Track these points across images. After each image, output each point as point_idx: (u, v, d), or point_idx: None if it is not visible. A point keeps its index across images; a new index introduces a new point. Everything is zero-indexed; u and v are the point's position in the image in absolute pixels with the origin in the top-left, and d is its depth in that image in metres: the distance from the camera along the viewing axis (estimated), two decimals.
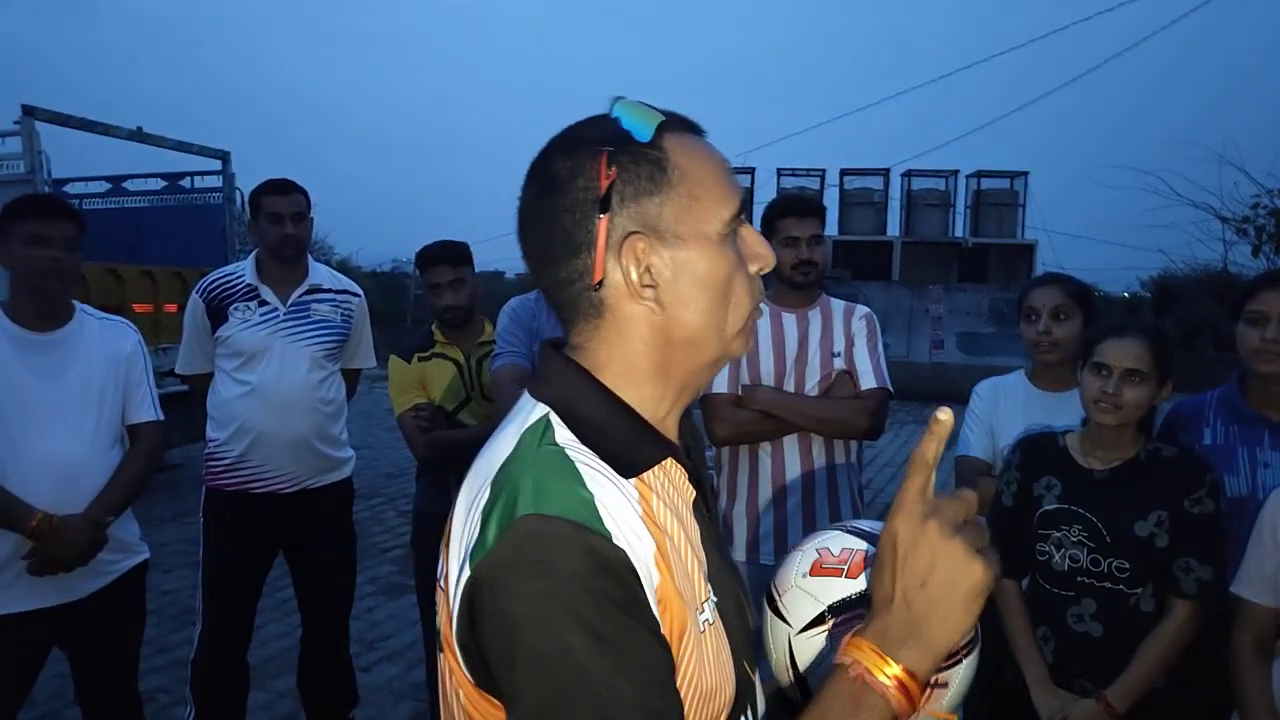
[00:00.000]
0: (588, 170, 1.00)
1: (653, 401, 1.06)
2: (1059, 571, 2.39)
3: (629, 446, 1.01)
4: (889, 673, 0.92)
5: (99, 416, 2.79)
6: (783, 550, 2.95)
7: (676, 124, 1.05)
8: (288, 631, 4.87)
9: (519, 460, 0.97)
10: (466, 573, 0.92)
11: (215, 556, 3.41)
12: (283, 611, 5.10)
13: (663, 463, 1.04)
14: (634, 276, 1.01)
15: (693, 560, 1.01)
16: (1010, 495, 2.53)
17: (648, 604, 0.91)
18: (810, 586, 1.23)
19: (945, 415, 0.95)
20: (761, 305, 1.10)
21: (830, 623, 1.20)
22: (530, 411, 1.03)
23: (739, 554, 2.99)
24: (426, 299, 3.71)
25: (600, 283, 1.02)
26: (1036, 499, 2.46)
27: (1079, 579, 2.36)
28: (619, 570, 0.89)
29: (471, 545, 0.93)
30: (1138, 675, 2.27)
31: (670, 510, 1.01)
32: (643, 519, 0.95)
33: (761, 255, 1.08)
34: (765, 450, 2.99)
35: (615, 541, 0.90)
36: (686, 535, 1.02)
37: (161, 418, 2.98)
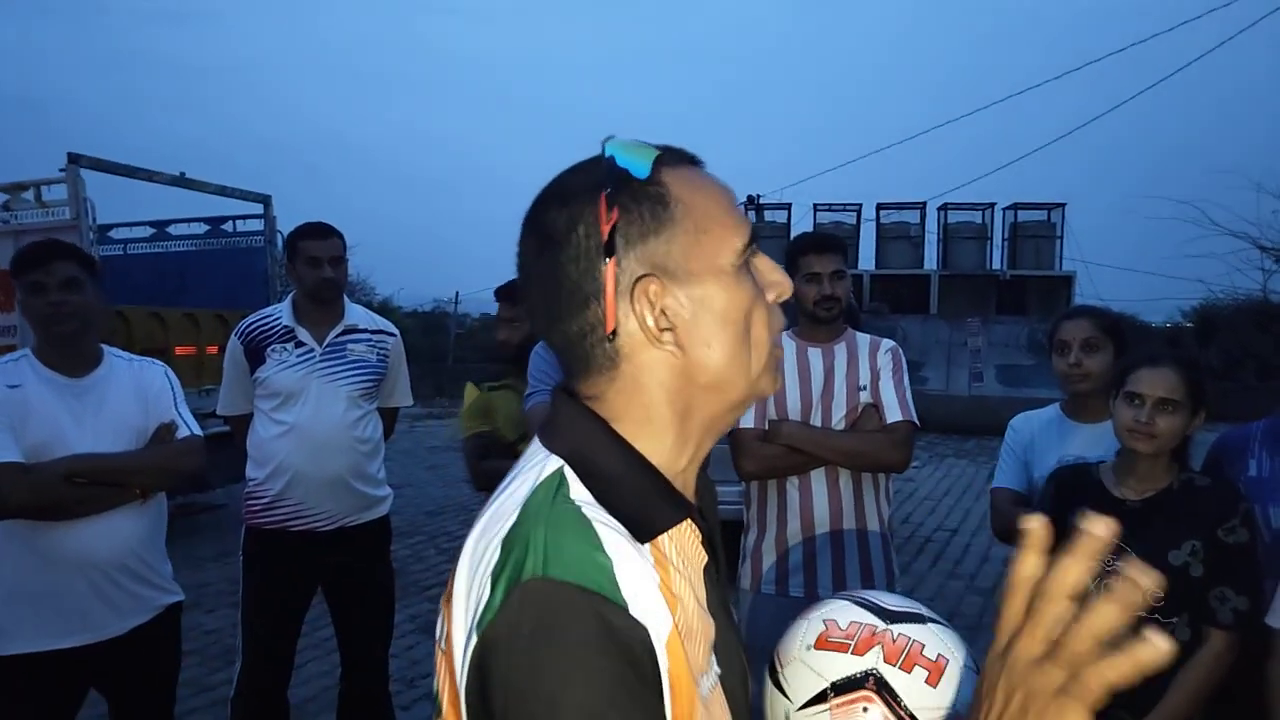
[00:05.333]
0: (587, 216, 0.94)
1: (672, 453, 1.00)
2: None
3: (645, 506, 0.94)
4: None
5: None
6: (812, 584, 2.95)
7: (674, 157, 1.00)
8: (328, 670, 4.89)
9: (531, 518, 0.89)
10: (474, 640, 0.86)
11: (254, 594, 3.45)
12: (323, 650, 5.12)
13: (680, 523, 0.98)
14: (650, 321, 0.95)
15: (701, 631, 0.94)
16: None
17: (657, 686, 0.84)
18: (814, 661, 1.19)
19: (1034, 525, 0.83)
20: (786, 339, 1.07)
21: (832, 701, 1.15)
22: (544, 464, 0.96)
23: (768, 587, 3.00)
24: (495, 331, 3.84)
25: (614, 333, 0.95)
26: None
27: None
28: (631, 646, 0.83)
29: (480, 610, 0.86)
30: (1174, 706, 2.24)
31: (684, 577, 0.95)
32: (660, 588, 0.88)
33: (778, 282, 1.03)
34: (793, 484, 2.99)
35: (632, 613, 0.84)
36: (698, 602, 0.96)
37: (197, 433, 2.95)
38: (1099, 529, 0.79)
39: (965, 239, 22.74)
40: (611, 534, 0.88)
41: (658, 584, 0.88)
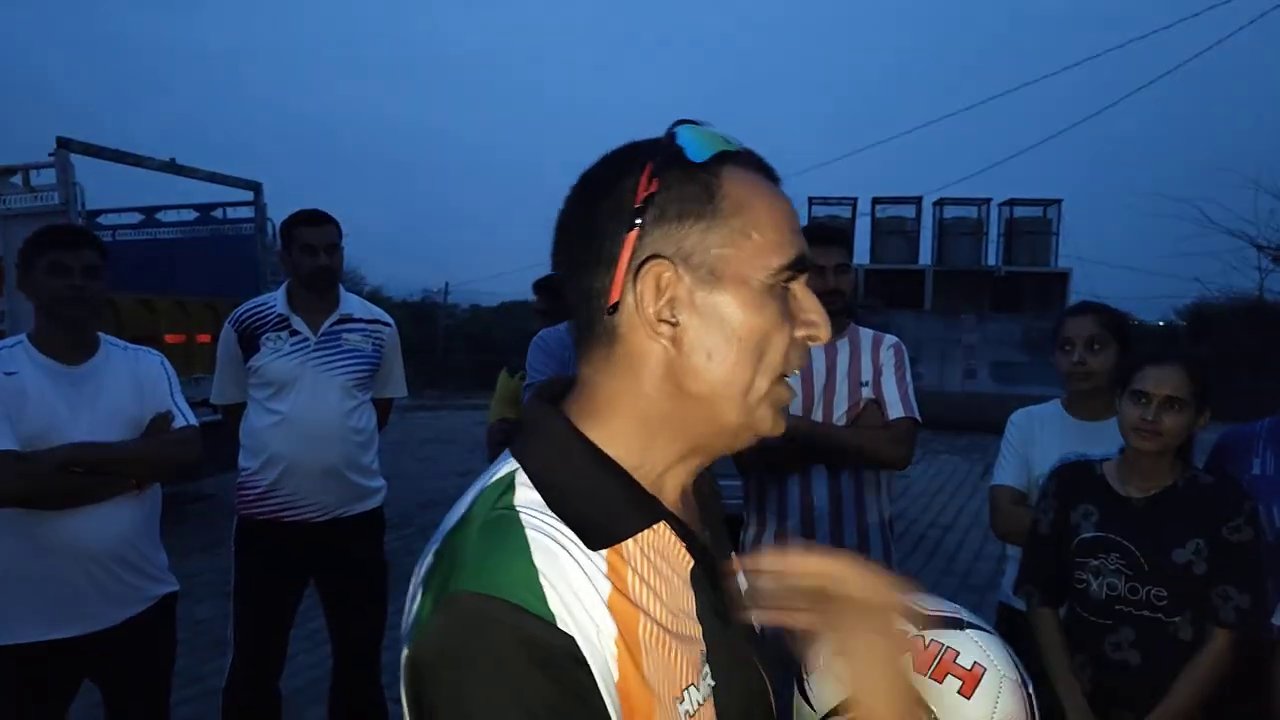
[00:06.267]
0: (629, 180, 0.90)
1: (652, 456, 0.95)
2: (1096, 600, 2.36)
3: (607, 513, 0.90)
4: None
5: None
6: None
7: (746, 160, 0.95)
8: (319, 662, 4.86)
9: (467, 524, 0.88)
10: (405, 650, 0.84)
11: (247, 585, 3.42)
12: (314, 641, 5.09)
13: (655, 528, 0.93)
14: (648, 307, 0.90)
15: (678, 642, 0.91)
16: (1047, 523, 2.51)
17: (592, 698, 0.81)
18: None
19: None
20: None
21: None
22: (498, 469, 0.94)
23: None
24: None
25: (615, 305, 0.91)
26: (1074, 527, 2.44)
27: (1117, 607, 2.33)
28: (559, 660, 0.79)
29: (411, 620, 0.85)
30: (1176, 704, 2.24)
31: (652, 585, 0.90)
32: (608, 599, 0.85)
33: (814, 324, 0.96)
34: (793, 479, 2.96)
35: (559, 626, 0.80)
36: (672, 611, 0.92)
37: (193, 423, 2.94)
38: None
39: (961, 234, 22.72)
40: (545, 541, 0.84)
41: (607, 594, 0.85)
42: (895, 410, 2.94)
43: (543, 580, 0.81)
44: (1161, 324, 27.80)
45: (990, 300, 22.34)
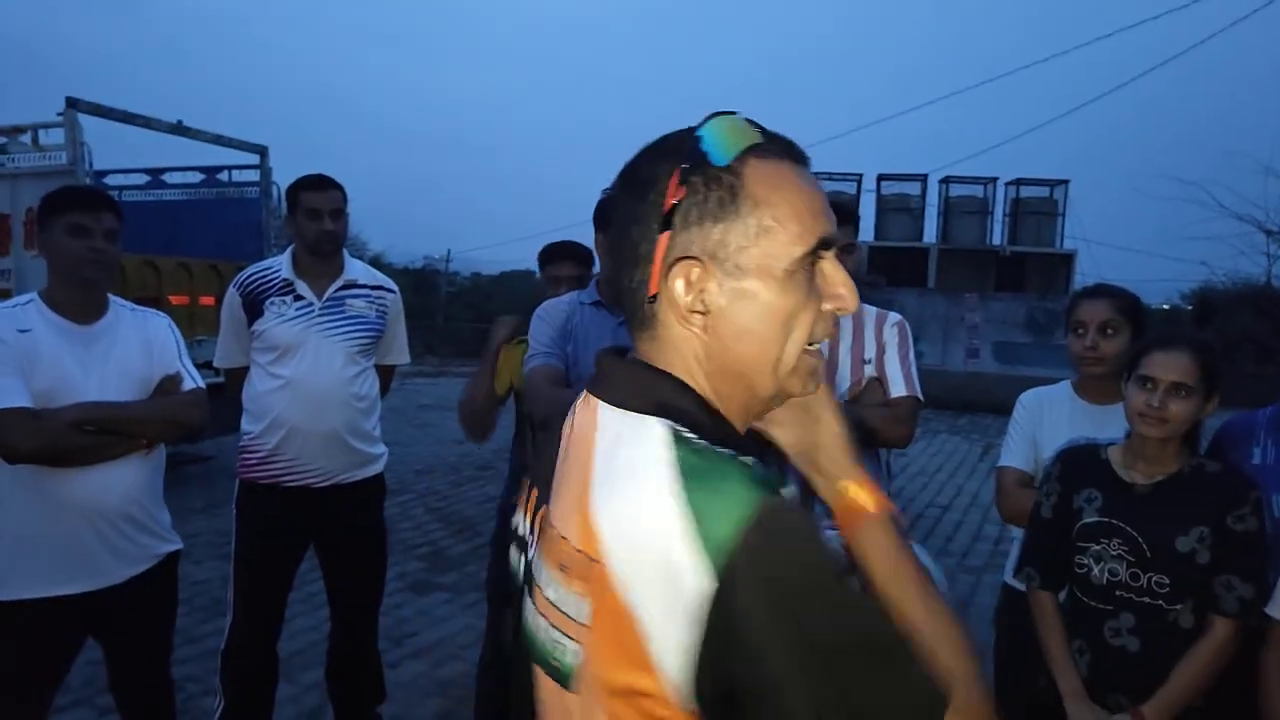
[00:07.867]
0: (661, 183, 0.99)
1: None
2: (1097, 585, 2.35)
3: (738, 442, 1.01)
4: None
5: None
6: None
7: (771, 149, 1.02)
8: (316, 625, 4.89)
9: (697, 475, 0.91)
10: (707, 585, 0.85)
11: (247, 548, 3.43)
12: (311, 605, 5.12)
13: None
14: (681, 300, 1.00)
15: None
16: (1050, 507, 2.49)
17: None
18: None
19: None
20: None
21: None
22: (640, 427, 0.98)
23: None
24: (545, 290, 3.79)
25: (654, 297, 1.02)
26: (1076, 511, 2.42)
27: (1117, 593, 2.31)
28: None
29: (697, 570, 0.86)
30: (1175, 692, 2.22)
31: None
32: None
33: (841, 296, 1.05)
34: None
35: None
36: None
37: (201, 385, 2.95)
38: None
39: (966, 213, 22.67)
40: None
41: None
42: (898, 388, 2.92)
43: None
44: (1166, 307, 27.74)
45: (994, 280, 22.30)
